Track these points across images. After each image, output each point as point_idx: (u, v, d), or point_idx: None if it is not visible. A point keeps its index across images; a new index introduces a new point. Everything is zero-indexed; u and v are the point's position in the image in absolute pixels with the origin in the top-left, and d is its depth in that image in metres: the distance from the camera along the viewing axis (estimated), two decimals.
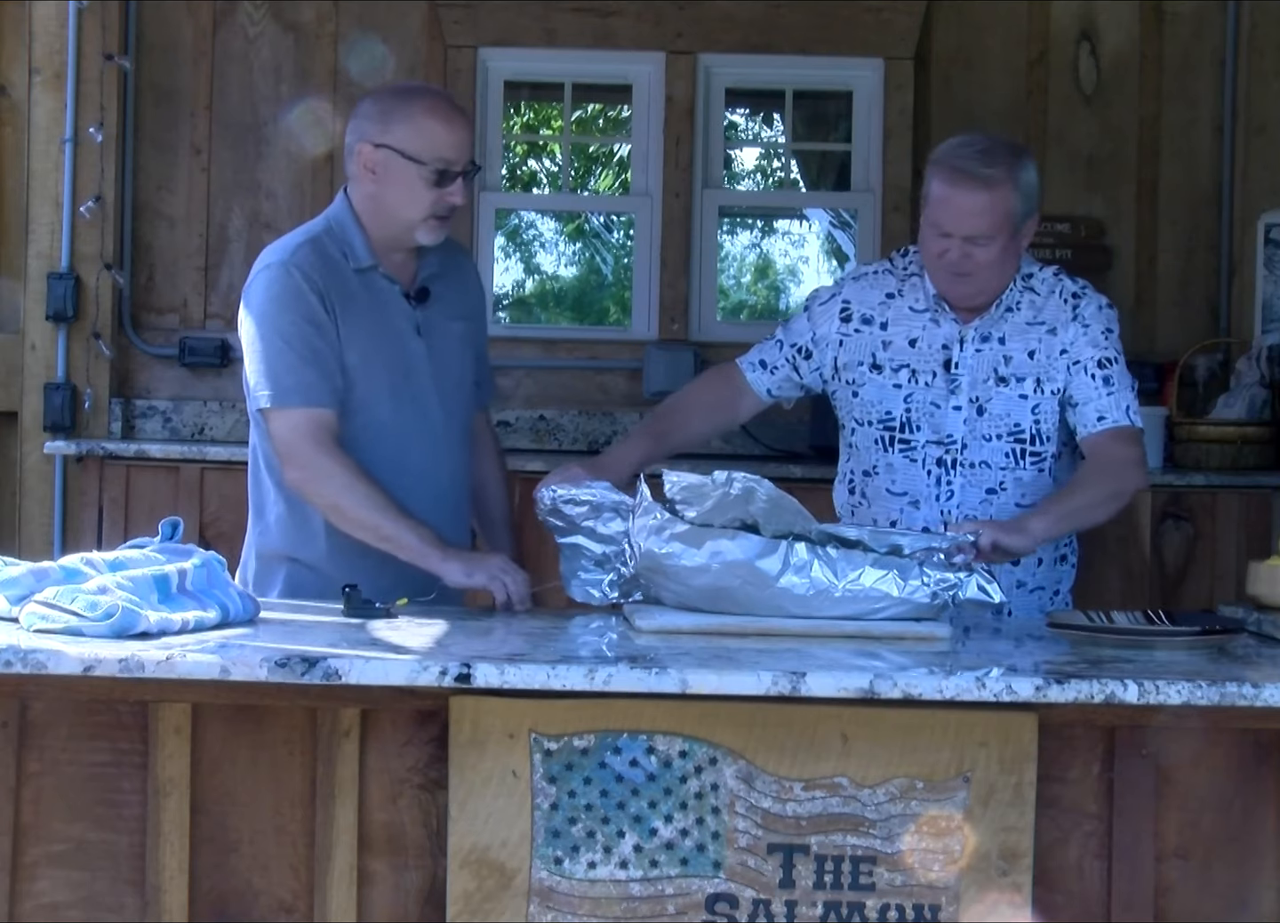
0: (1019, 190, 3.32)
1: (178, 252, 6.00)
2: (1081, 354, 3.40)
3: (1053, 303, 3.43)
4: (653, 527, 2.89)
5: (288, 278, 3.23)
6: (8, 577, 2.75)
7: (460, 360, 3.42)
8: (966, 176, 3.29)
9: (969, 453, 3.41)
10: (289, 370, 3.21)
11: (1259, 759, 2.59)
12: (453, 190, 3.26)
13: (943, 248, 3.33)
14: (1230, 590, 4.86)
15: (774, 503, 2.87)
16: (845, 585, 2.87)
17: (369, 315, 3.29)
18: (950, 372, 3.42)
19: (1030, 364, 3.41)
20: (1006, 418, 3.41)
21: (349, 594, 2.95)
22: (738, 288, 12.38)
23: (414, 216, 3.26)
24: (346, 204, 3.34)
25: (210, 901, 2.59)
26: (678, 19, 5.98)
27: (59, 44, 5.77)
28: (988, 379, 3.41)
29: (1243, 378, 5.65)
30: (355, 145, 3.29)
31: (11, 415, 5.83)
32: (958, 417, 3.41)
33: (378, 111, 3.29)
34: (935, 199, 3.33)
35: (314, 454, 3.19)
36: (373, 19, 5.98)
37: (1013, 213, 3.31)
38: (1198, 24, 5.99)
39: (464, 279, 3.48)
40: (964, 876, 2.54)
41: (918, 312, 3.46)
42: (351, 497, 3.17)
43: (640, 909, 2.54)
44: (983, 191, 3.28)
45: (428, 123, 3.25)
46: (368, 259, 3.30)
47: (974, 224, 3.30)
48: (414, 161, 3.23)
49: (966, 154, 3.33)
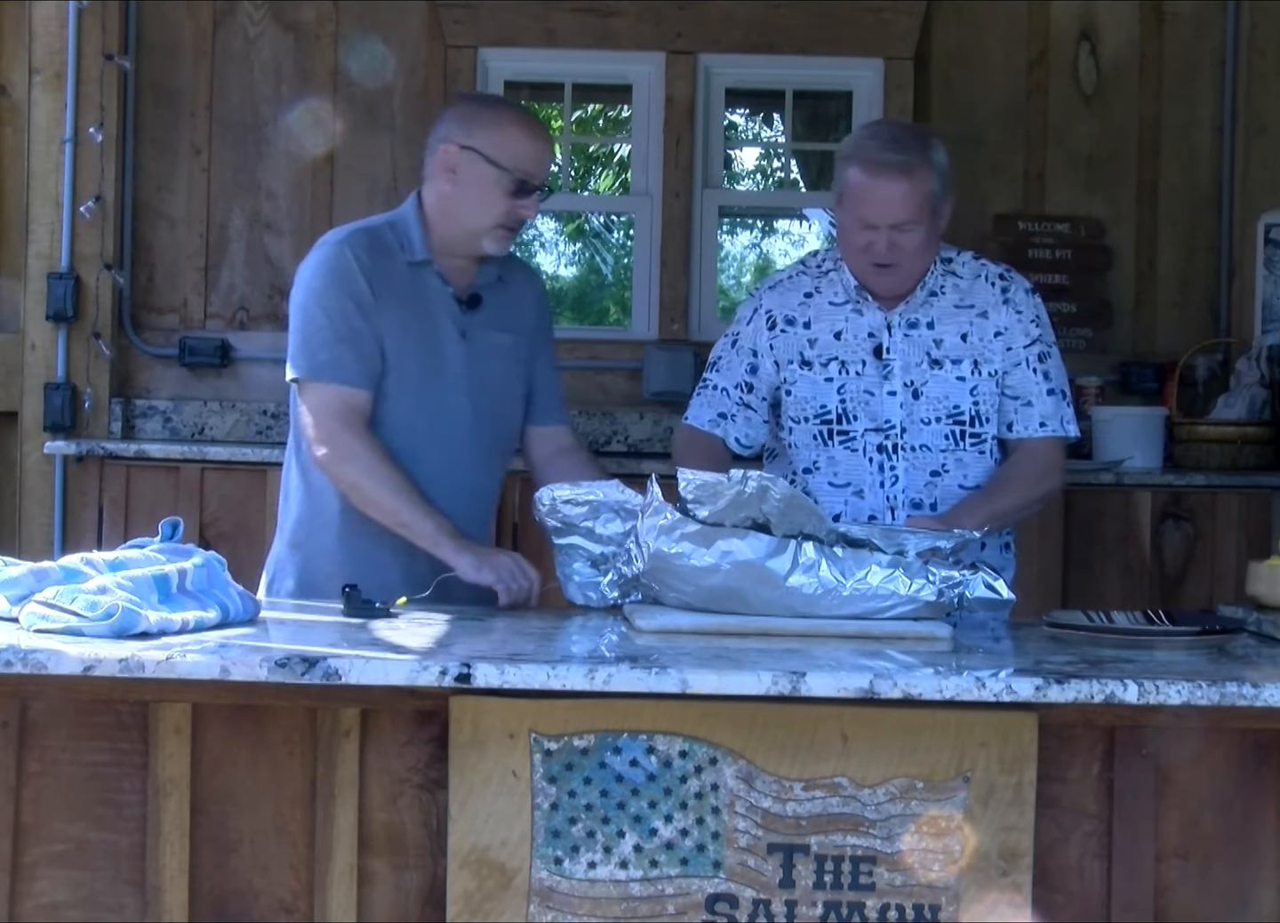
0: (934, 172, 3.37)
1: (178, 252, 6.01)
2: (1015, 341, 3.46)
3: (979, 286, 3.49)
4: (663, 527, 2.89)
5: (340, 257, 3.30)
6: (8, 577, 2.75)
7: (504, 372, 3.44)
8: (884, 166, 3.33)
9: (909, 437, 3.45)
10: (325, 346, 3.27)
11: (1259, 759, 2.59)
12: (526, 203, 3.31)
13: (868, 240, 3.36)
14: (1230, 590, 4.86)
15: (787, 502, 2.87)
16: (853, 585, 2.88)
17: (411, 308, 3.33)
18: (881, 358, 3.45)
19: (964, 346, 3.45)
20: (945, 400, 3.45)
21: (349, 594, 2.95)
22: (738, 288, 12.38)
23: (484, 222, 3.31)
24: (415, 202, 3.40)
25: (210, 901, 2.59)
26: (678, 19, 5.98)
27: (59, 44, 5.78)
28: (920, 363, 3.45)
29: (1243, 378, 5.65)
30: (438, 145, 3.34)
31: (11, 415, 5.83)
32: (894, 402, 3.45)
33: (467, 114, 3.35)
34: (854, 192, 3.36)
35: (340, 432, 3.24)
36: (373, 19, 5.98)
37: (932, 195, 3.36)
38: (1198, 24, 6.00)
39: (523, 296, 3.51)
40: (964, 876, 2.54)
41: (837, 305, 3.50)
42: (373, 479, 3.22)
43: (640, 909, 2.54)
44: (902, 178, 3.32)
45: (515, 132, 3.31)
46: (423, 254, 3.35)
47: (898, 212, 3.33)
48: (495, 166, 3.28)
49: (878, 144, 3.36)
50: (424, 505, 3.21)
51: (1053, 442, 3.49)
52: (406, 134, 6.00)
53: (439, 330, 3.36)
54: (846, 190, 3.39)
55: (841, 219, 3.43)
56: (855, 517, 3.43)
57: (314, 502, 3.37)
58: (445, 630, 2.85)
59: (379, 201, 6.00)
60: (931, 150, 3.38)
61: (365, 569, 3.25)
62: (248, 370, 6.02)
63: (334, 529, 3.34)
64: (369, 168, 6.02)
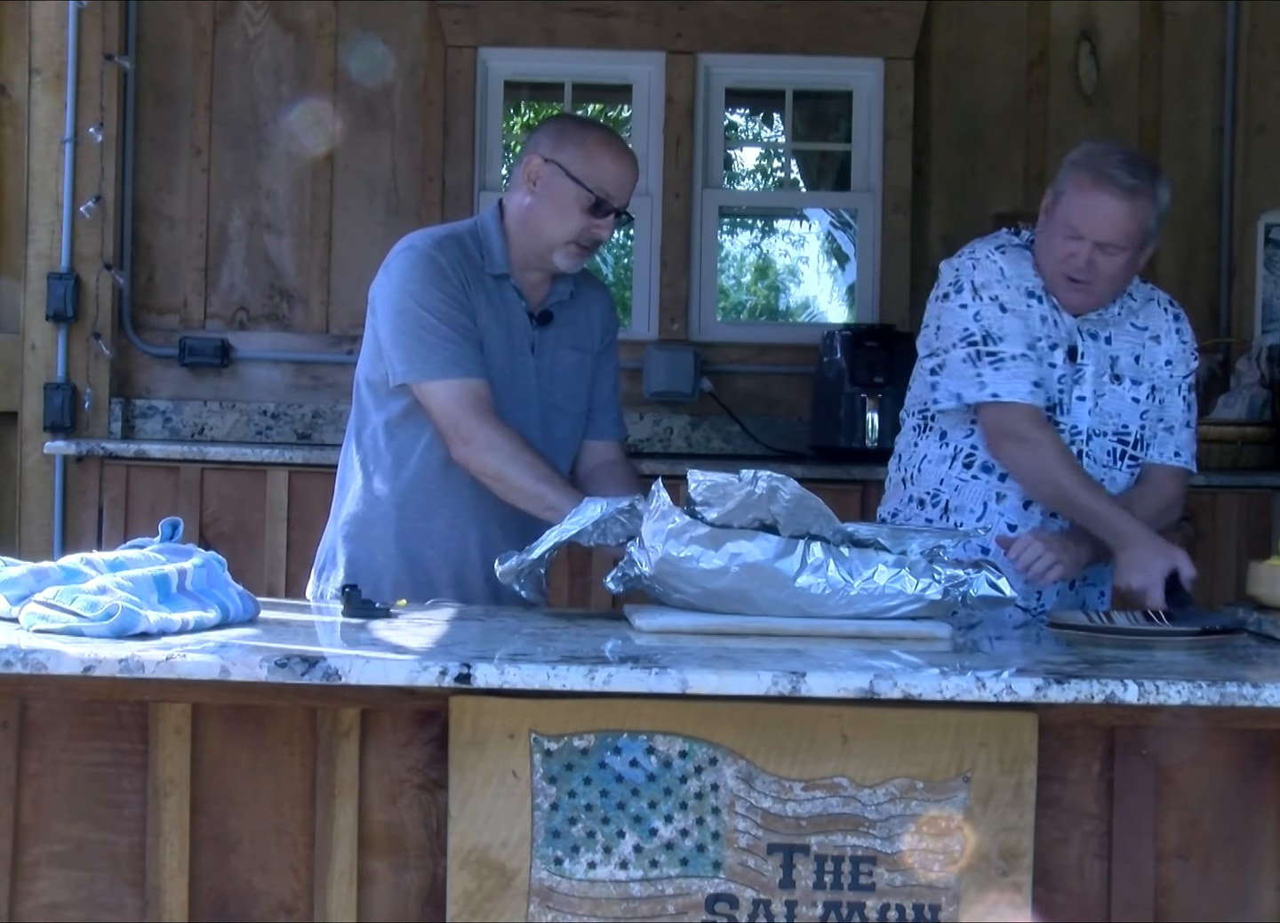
0: (1156, 206, 3.32)
1: (178, 252, 6.01)
2: (1178, 370, 3.45)
3: (1152, 310, 3.47)
4: (671, 530, 2.89)
5: (432, 260, 3.31)
6: (8, 577, 2.75)
7: (569, 388, 3.47)
8: (1112, 182, 3.27)
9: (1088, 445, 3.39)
10: (440, 345, 3.27)
11: (1259, 759, 2.59)
12: (602, 223, 3.33)
13: (1070, 250, 3.30)
14: (1230, 590, 4.85)
15: (797, 502, 2.87)
16: (860, 584, 2.88)
17: (494, 320, 3.36)
18: (1076, 362, 3.39)
19: (1137, 367, 3.42)
20: (1117, 417, 3.40)
21: (349, 594, 2.95)
22: (738, 288, 12.37)
23: (559, 237, 3.33)
24: (497, 212, 3.42)
25: (210, 901, 2.59)
26: (678, 19, 5.98)
27: (59, 44, 5.78)
28: (1104, 375, 3.40)
29: (1243, 378, 5.65)
30: (526, 156, 3.37)
31: (11, 415, 5.83)
32: (1082, 407, 3.39)
33: (557, 130, 3.39)
34: (1074, 202, 3.29)
35: (478, 426, 3.25)
36: (373, 19, 5.98)
37: (1147, 228, 3.31)
38: (1198, 24, 6.00)
39: (592, 315, 3.52)
40: (964, 876, 2.54)
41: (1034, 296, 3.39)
42: (516, 466, 3.23)
43: (640, 910, 2.54)
44: (1126, 200, 3.27)
45: (599, 151, 3.34)
46: (503, 267, 3.37)
47: (1110, 231, 3.27)
48: (575, 182, 3.31)
49: (1113, 161, 3.30)
50: (568, 489, 3.22)
51: (1180, 474, 3.44)
52: (406, 134, 6.00)
53: (512, 343, 3.38)
54: (1063, 195, 3.31)
55: (1050, 223, 3.33)
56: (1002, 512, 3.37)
57: (370, 498, 3.39)
58: (445, 630, 2.85)
59: (379, 201, 6.01)
60: (1159, 186, 3.33)
61: (416, 569, 3.30)
62: (248, 370, 6.02)
63: (389, 526, 3.35)
64: (369, 168, 6.02)
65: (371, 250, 3.53)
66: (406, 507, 3.35)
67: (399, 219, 5.86)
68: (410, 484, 3.36)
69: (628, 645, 2.76)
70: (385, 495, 3.36)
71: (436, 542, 3.32)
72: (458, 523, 3.32)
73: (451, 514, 3.33)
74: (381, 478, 3.37)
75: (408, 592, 3.22)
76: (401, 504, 3.35)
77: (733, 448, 5.95)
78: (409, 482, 3.36)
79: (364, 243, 5.86)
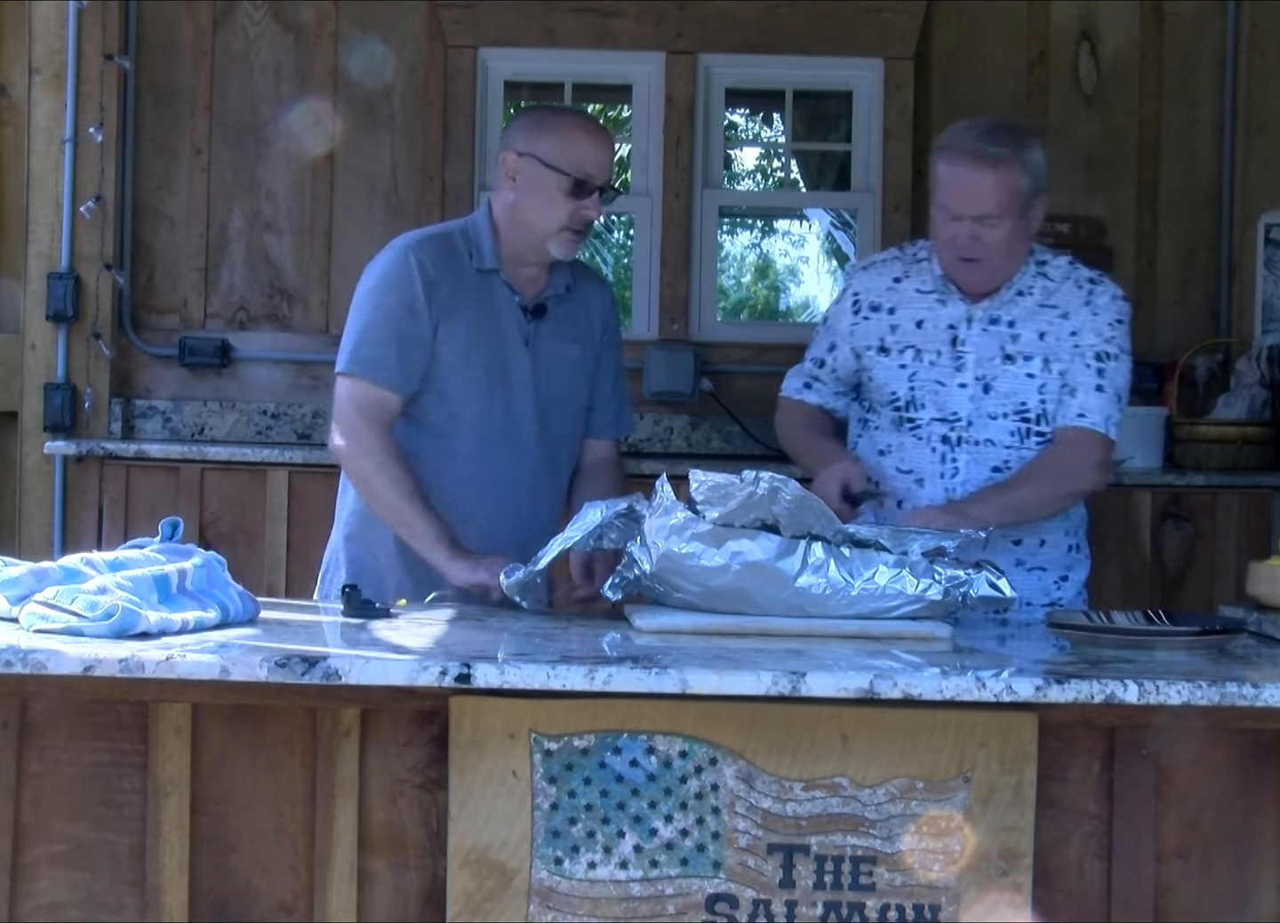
0: (1026, 168, 3.35)
1: (178, 252, 6.00)
2: (1085, 339, 3.44)
3: (1067, 288, 3.47)
4: (674, 527, 2.89)
5: (403, 262, 3.35)
6: (8, 577, 2.75)
7: (568, 382, 3.47)
8: (972, 156, 3.33)
9: (974, 430, 3.44)
10: (370, 344, 3.33)
11: (1259, 759, 2.59)
12: (588, 204, 3.34)
13: (953, 232, 3.36)
14: (1230, 590, 4.86)
15: (798, 503, 2.87)
16: (861, 584, 2.88)
17: (479, 315, 3.37)
18: (956, 349, 3.44)
19: (1040, 344, 3.44)
20: (1013, 397, 3.43)
21: (349, 594, 2.95)
22: (738, 288, 12.37)
23: (549, 227, 3.34)
24: (487, 210, 3.44)
25: (210, 901, 2.59)
26: (678, 19, 5.98)
27: (59, 44, 5.77)
28: (994, 357, 3.44)
29: (1243, 378, 5.65)
30: (501, 154, 3.40)
31: (11, 415, 5.83)
32: (963, 394, 3.45)
33: (527, 123, 3.42)
34: (943, 182, 3.37)
35: (363, 429, 3.29)
36: (373, 19, 5.98)
37: (1020, 191, 3.34)
38: (1198, 24, 5.99)
39: (590, 307, 3.53)
40: (964, 876, 2.54)
41: (924, 293, 3.50)
42: (383, 476, 3.27)
43: (640, 910, 2.54)
44: (989, 170, 3.32)
45: (572, 134, 3.36)
46: (491, 262, 3.39)
47: (983, 203, 3.32)
48: (554, 170, 3.32)
49: (971, 135, 3.37)
50: (427, 510, 3.25)
51: (1090, 436, 3.42)
52: (406, 134, 5.99)
53: (504, 338, 3.39)
54: (936, 180, 3.40)
55: (932, 210, 3.43)
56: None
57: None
58: (445, 630, 2.85)
59: (379, 202, 6.00)
60: (1025, 148, 3.37)
61: (417, 568, 3.31)
62: (248, 370, 6.01)
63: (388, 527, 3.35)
64: (369, 168, 6.01)
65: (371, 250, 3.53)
66: None
67: (399, 219, 5.86)
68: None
69: (628, 645, 2.76)
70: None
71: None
72: (456, 522, 3.33)
73: (450, 513, 3.33)
74: None
75: (409, 591, 3.23)
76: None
77: (733, 448, 5.95)
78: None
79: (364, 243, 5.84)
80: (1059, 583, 3.49)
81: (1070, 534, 3.52)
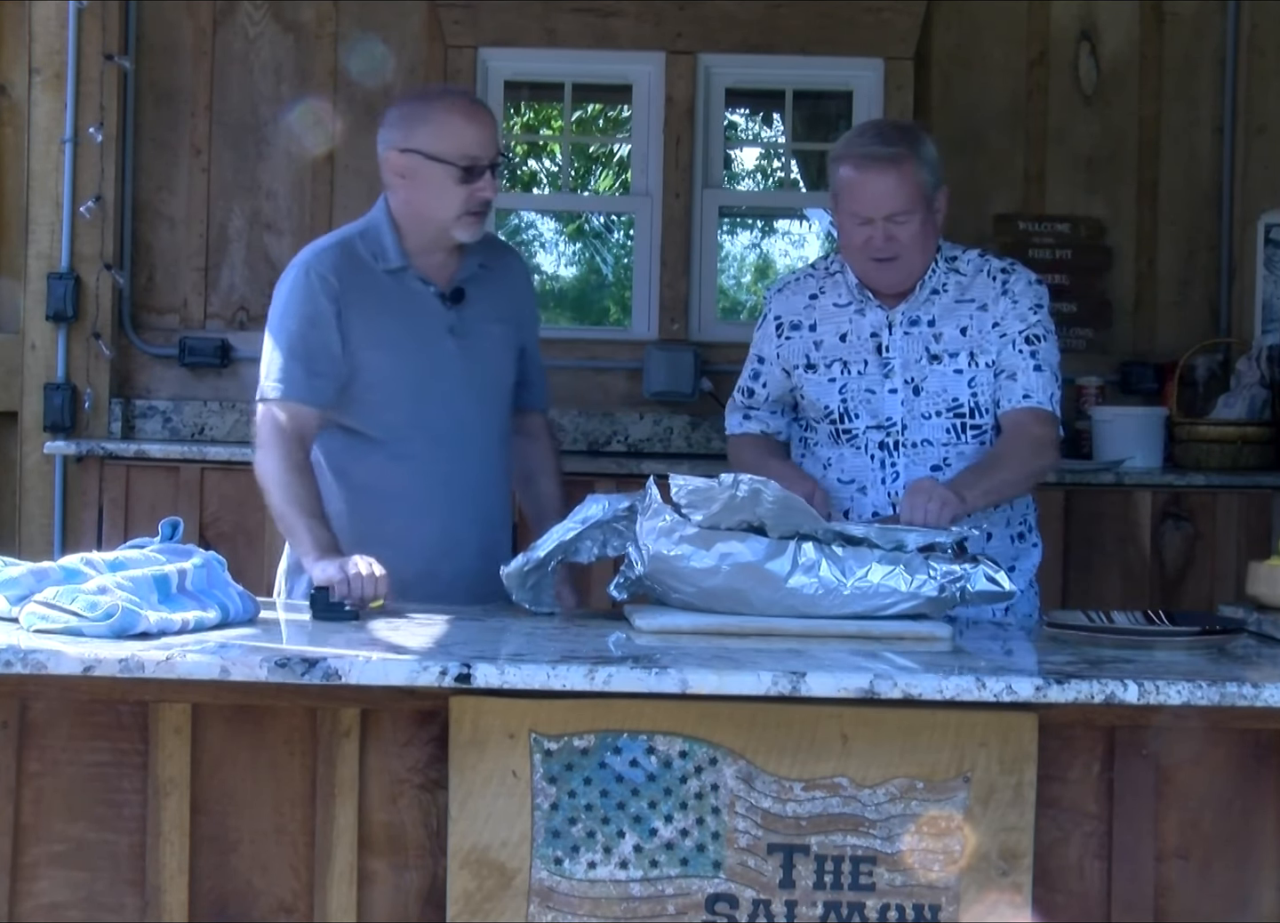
0: (923, 163, 3.42)
1: (178, 252, 6.00)
2: (1010, 327, 3.48)
3: (980, 281, 3.52)
4: (662, 529, 2.89)
5: (304, 279, 3.34)
6: (8, 577, 2.75)
7: (499, 361, 3.47)
8: (871, 159, 3.40)
9: (909, 433, 3.48)
10: (280, 366, 3.33)
11: (1259, 759, 2.59)
12: (482, 185, 3.32)
13: (865, 235, 3.42)
14: (1230, 590, 4.85)
15: (781, 504, 2.87)
16: (854, 583, 2.88)
17: (396, 316, 3.36)
18: (882, 356, 3.48)
19: (963, 340, 3.48)
20: (943, 394, 3.47)
21: (314, 596, 2.94)
22: (738, 288, 12.38)
23: (447, 216, 3.32)
24: (385, 208, 3.41)
25: (210, 901, 2.59)
26: (678, 19, 5.98)
27: (59, 44, 5.77)
28: (920, 359, 3.49)
29: (1243, 378, 5.65)
30: (384, 154, 3.37)
31: (11, 415, 5.82)
32: (894, 399, 3.48)
33: (400, 118, 3.37)
34: (846, 188, 3.43)
35: (271, 442, 3.31)
36: (373, 19, 5.98)
37: (923, 184, 3.41)
38: (1198, 24, 5.99)
39: (508, 282, 3.52)
40: (964, 876, 2.54)
41: (841, 306, 3.55)
42: (276, 483, 3.27)
43: (640, 910, 2.54)
44: (891, 169, 3.39)
45: (449, 121, 3.32)
46: (397, 261, 3.37)
47: (890, 203, 3.38)
48: (440, 162, 3.30)
49: (864, 141, 3.45)
50: (311, 518, 3.21)
51: (1039, 414, 3.46)
52: None
53: (426, 332, 3.37)
54: (839, 189, 3.45)
55: (839, 219, 3.48)
56: (859, 513, 3.45)
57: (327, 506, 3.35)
58: (445, 630, 2.85)
59: None
60: (918, 144, 3.44)
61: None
62: (248, 370, 6.00)
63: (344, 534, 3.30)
64: (369, 168, 5.94)
65: None
66: (358, 514, 3.34)
67: None
68: (357, 492, 3.37)
69: (628, 645, 2.76)
70: (339, 507, 3.34)
71: (395, 543, 3.26)
72: (413, 523, 3.32)
73: (404, 516, 3.32)
74: (330, 489, 3.36)
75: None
76: (353, 513, 3.34)
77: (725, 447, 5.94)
78: (355, 490, 3.37)
79: None
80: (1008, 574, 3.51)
81: (1013, 524, 3.55)
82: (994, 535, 3.48)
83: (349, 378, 3.34)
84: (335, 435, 3.39)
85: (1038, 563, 3.59)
